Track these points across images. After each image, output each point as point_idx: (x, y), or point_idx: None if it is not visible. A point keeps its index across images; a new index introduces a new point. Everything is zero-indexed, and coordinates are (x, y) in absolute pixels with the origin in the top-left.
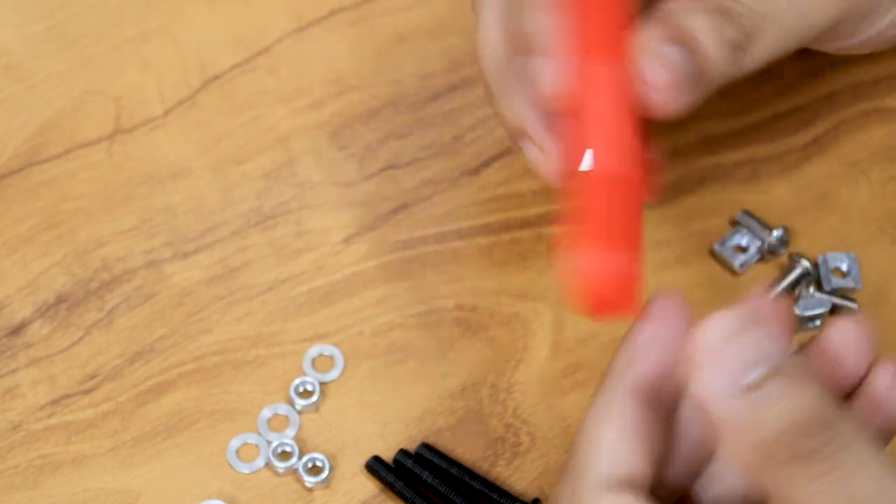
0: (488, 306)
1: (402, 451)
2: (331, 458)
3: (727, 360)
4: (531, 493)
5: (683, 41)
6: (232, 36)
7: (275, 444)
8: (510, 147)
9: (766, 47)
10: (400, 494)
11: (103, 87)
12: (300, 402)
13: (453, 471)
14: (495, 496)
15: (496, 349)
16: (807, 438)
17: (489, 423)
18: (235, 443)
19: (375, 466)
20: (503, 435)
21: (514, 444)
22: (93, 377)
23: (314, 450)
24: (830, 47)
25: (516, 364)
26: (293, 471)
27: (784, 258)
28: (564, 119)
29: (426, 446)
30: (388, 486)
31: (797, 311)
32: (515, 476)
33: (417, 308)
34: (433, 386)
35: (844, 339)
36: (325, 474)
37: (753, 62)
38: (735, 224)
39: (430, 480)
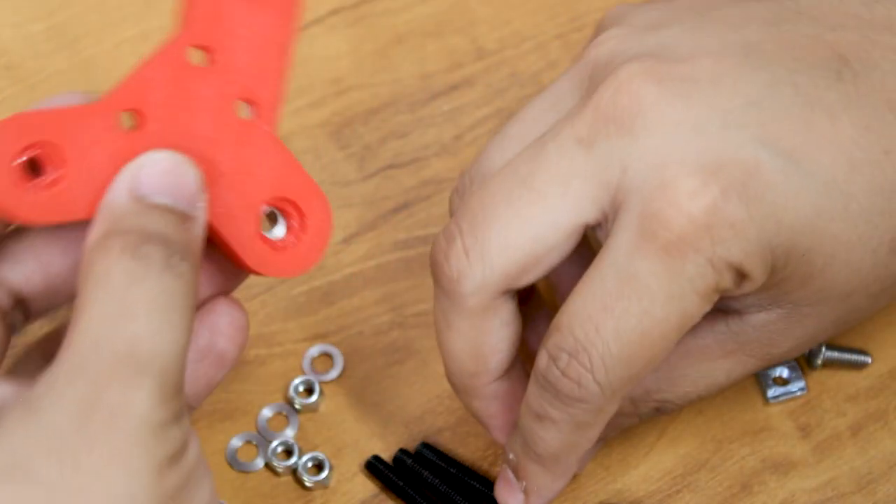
0: None
1: (402, 451)
2: (331, 458)
3: (150, 174)
4: None
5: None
6: None
7: (275, 444)
8: None
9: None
10: (400, 494)
11: (103, 87)
12: (300, 402)
13: (453, 470)
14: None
15: None
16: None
17: None
18: (235, 443)
19: (375, 466)
20: None
21: None
22: None
23: (314, 450)
24: None
25: None
26: (293, 471)
27: None
28: None
29: (426, 446)
30: (388, 485)
31: None
32: None
33: (417, 308)
34: (433, 386)
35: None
36: (324, 474)
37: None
38: None
39: (430, 479)
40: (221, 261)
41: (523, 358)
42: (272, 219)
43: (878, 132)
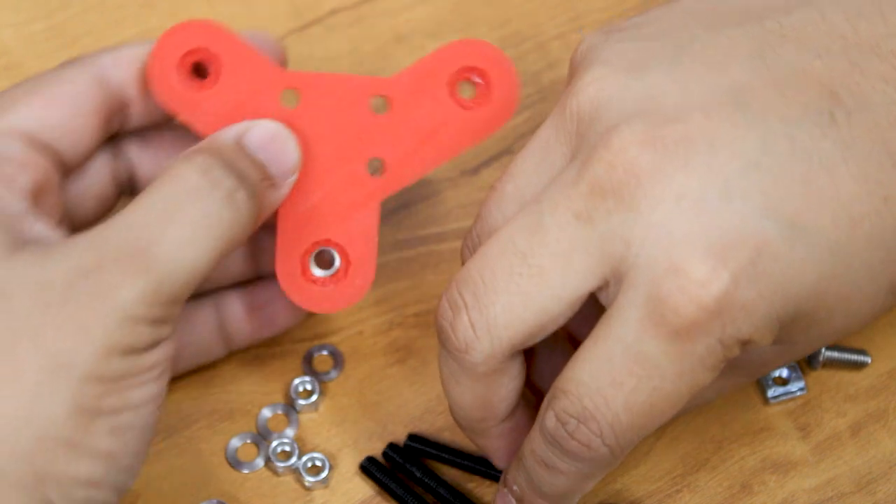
0: None
1: (391, 446)
2: (330, 457)
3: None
4: None
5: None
6: None
7: (275, 444)
8: (509, 147)
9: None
10: (393, 495)
11: None
12: (300, 402)
13: (445, 455)
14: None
15: None
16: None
17: None
18: (235, 443)
19: (368, 468)
20: None
21: None
22: None
23: (314, 450)
24: None
25: None
26: (293, 471)
27: None
28: None
29: (414, 437)
30: (382, 486)
31: None
32: None
33: (417, 308)
34: (433, 386)
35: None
36: (324, 474)
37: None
38: None
39: (419, 475)
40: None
41: (528, 387)
42: (322, 262)
43: (877, 180)
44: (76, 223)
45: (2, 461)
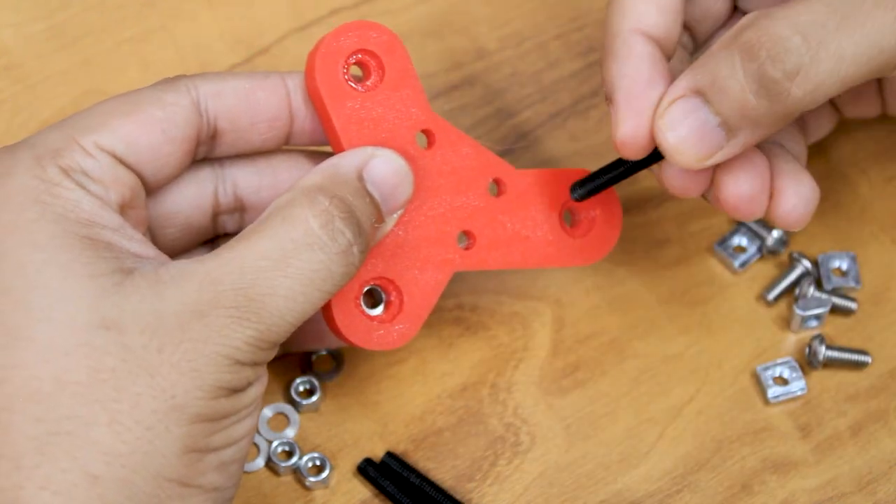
0: (488, 306)
1: (389, 454)
2: (331, 457)
3: None
4: (531, 493)
5: (698, 92)
6: (232, 36)
7: (275, 444)
8: (509, 148)
9: (821, 77)
10: (391, 497)
11: (103, 87)
12: (300, 402)
13: (414, 481)
14: None
15: (496, 349)
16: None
17: (489, 423)
18: None
19: (365, 470)
20: (503, 434)
21: (514, 443)
22: None
23: (314, 450)
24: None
25: (516, 364)
26: (293, 470)
27: (784, 257)
28: None
29: (391, 455)
30: (379, 489)
31: (797, 310)
32: (516, 475)
33: None
34: (433, 386)
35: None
36: (325, 474)
37: (807, 94)
38: (735, 224)
39: (416, 482)
40: None
41: None
42: (373, 298)
43: None
44: (167, 229)
45: (119, 501)
